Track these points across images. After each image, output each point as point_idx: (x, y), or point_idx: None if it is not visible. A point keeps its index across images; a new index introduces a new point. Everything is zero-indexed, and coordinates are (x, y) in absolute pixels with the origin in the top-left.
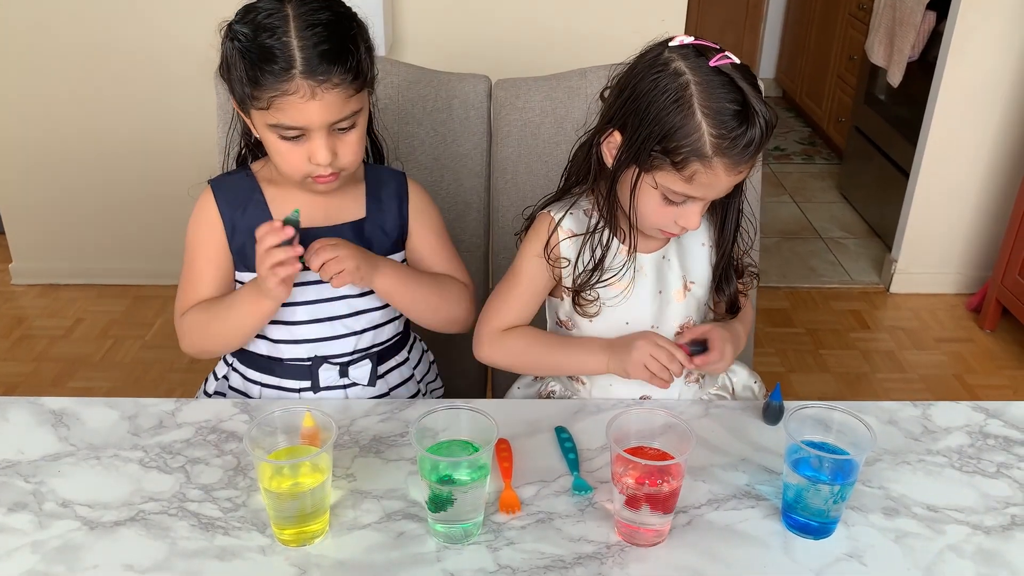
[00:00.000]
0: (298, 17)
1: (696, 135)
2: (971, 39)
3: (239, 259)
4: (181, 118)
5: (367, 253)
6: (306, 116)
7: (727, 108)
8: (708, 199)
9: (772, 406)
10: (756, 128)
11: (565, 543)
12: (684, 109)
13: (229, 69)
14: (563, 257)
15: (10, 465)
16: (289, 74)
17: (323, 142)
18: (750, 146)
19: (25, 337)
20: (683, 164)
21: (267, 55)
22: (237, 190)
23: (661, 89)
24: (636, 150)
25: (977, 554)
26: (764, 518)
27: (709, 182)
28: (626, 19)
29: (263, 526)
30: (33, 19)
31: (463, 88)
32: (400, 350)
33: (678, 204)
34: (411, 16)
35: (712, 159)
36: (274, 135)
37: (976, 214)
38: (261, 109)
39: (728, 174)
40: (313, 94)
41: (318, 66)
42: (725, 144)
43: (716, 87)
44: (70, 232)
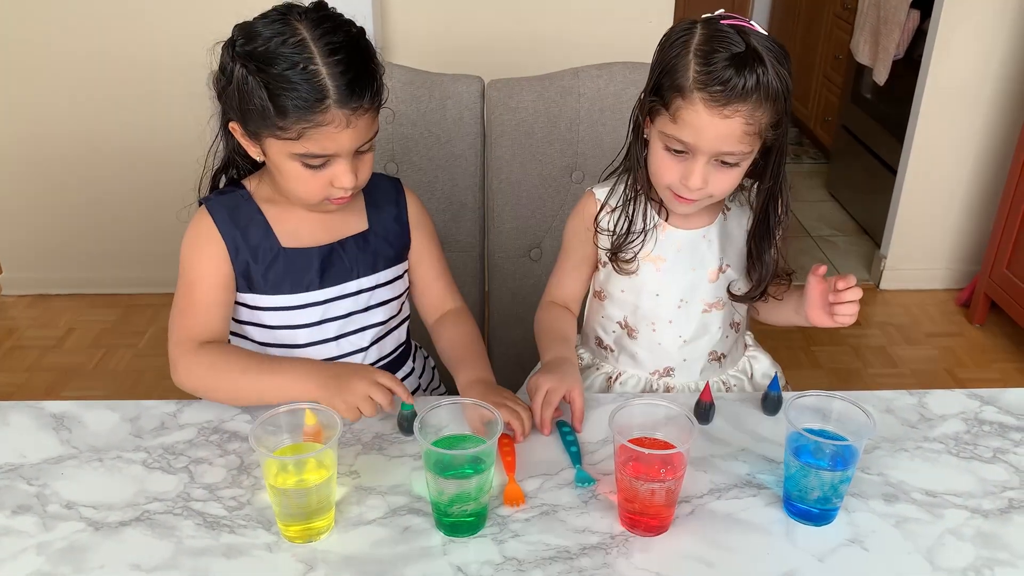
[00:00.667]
0: (317, 42)
1: (682, 69)
2: (955, 37)
3: (243, 280)
4: (172, 128)
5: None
6: (338, 144)
7: (719, 50)
8: (702, 151)
9: (771, 396)
10: (744, 73)
11: (570, 534)
12: (681, 49)
13: (242, 97)
14: (602, 230)
15: (13, 468)
16: (323, 104)
17: (348, 167)
18: (728, 83)
19: (17, 348)
20: (668, 101)
21: (297, 86)
22: (235, 210)
23: (672, 37)
24: (645, 100)
25: (976, 537)
26: (766, 506)
27: (691, 121)
28: (616, 19)
29: (269, 523)
30: (24, 31)
31: (456, 89)
32: (405, 361)
33: (679, 156)
34: (401, 17)
35: (692, 93)
36: (296, 163)
37: (963, 209)
38: (288, 139)
39: (709, 114)
40: (348, 123)
41: (351, 96)
42: (703, 77)
43: (721, 37)
44: (61, 242)
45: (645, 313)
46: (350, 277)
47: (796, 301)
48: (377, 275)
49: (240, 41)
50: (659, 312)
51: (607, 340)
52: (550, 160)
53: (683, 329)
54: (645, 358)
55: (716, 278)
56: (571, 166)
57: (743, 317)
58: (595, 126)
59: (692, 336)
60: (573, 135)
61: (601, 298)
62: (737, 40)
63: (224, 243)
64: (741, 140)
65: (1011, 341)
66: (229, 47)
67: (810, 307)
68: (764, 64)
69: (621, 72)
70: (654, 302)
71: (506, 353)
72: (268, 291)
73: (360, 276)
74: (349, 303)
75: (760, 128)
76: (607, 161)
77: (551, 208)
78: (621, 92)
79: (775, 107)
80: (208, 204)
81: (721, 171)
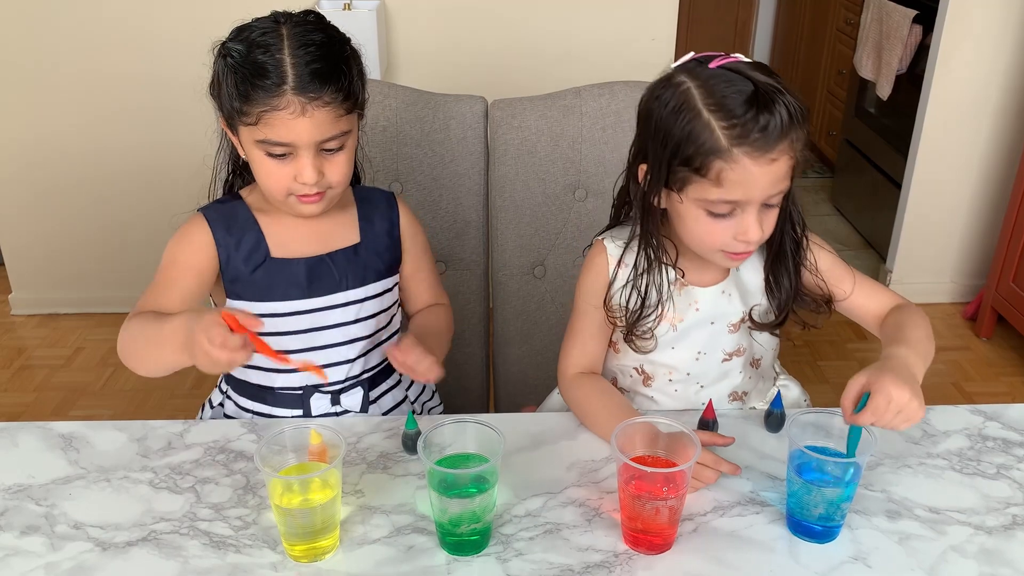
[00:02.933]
0: (292, 36)
1: (707, 133)
2: (957, 51)
3: (231, 286)
4: (180, 148)
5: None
6: (294, 132)
7: (733, 99)
8: (754, 201)
9: (774, 414)
10: (773, 111)
11: (573, 552)
12: (689, 113)
13: (220, 86)
14: (613, 310)
15: (21, 489)
16: (280, 89)
17: (310, 161)
18: (767, 128)
19: (25, 367)
20: (706, 168)
21: (259, 70)
22: (231, 219)
23: (663, 103)
24: (659, 173)
25: (980, 554)
26: (769, 523)
27: (740, 179)
28: (617, 38)
29: (274, 543)
30: (32, 50)
31: (460, 109)
32: (391, 373)
33: (726, 216)
34: (405, 39)
35: (732, 151)
36: (261, 152)
37: (969, 223)
38: (249, 124)
39: (757, 165)
40: (303, 111)
41: (309, 83)
42: (738, 132)
43: (719, 83)
44: (69, 262)
45: (661, 363)
46: (339, 288)
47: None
48: (366, 288)
49: (229, 36)
50: (676, 363)
51: (623, 383)
52: (553, 179)
53: (702, 378)
54: (663, 401)
55: (738, 329)
56: (574, 184)
57: (768, 349)
58: (597, 144)
59: (711, 382)
60: (576, 154)
61: (616, 349)
62: (736, 79)
63: (216, 249)
64: (787, 176)
65: (1018, 355)
66: (221, 43)
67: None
68: (781, 91)
69: (623, 91)
70: (669, 355)
71: (509, 370)
72: (255, 298)
73: (349, 288)
74: (338, 314)
75: (799, 155)
76: (610, 179)
77: (554, 226)
78: (623, 111)
79: (805, 127)
80: (205, 211)
81: (767, 212)
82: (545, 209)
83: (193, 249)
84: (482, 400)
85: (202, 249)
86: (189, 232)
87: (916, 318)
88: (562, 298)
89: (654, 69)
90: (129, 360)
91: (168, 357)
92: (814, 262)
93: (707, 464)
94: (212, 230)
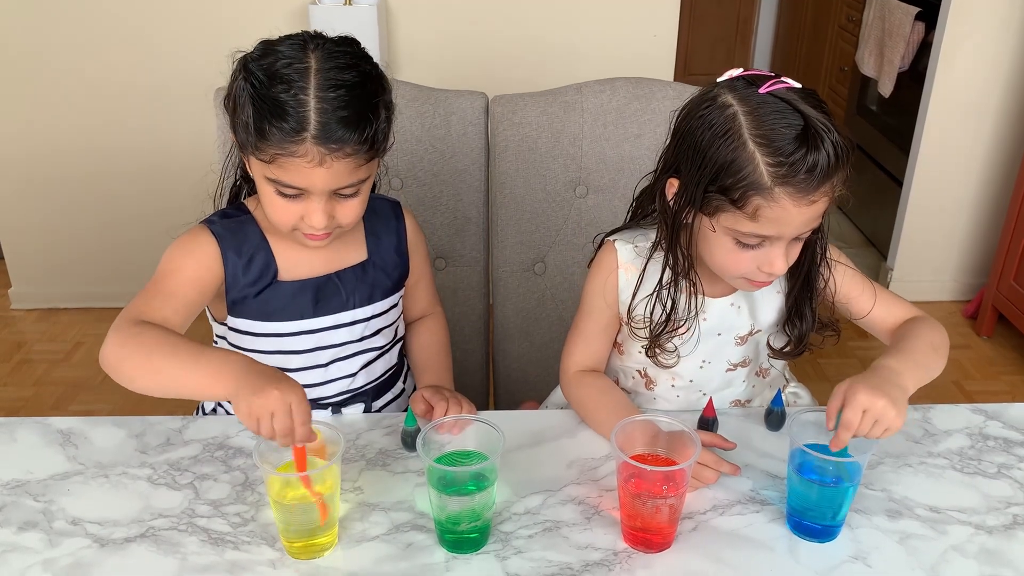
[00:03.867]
0: (320, 73)
1: (750, 167)
2: (960, 49)
3: (235, 306)
4: (181, 143)
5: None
6: (309, 180)
7: (782, 133)
8: (785, 237)
9: (774, 412)
10: (821, 152)
11: (572, 551)
12: (734, 141)
13: (235, 108)
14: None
15: (19, 484)
16: (300, 136)
17: (321, 206)
18: (814, 171)
19: (25, 362)
20: (743, 201)
21: (279, 110)
22: (241, 238)
23: (707, 124)
24: (693, 194)
25: (980, 553)
26: (769, 522)
27: (777, 217)
28: (619, 35)
29: (272, 540)
30: (32, 44)
31: (461, 105)
32: (395, 383)
33: (754, 247)
34: (406, 34)
35: (773, 190)
36: (270, 187)
37: (970, 221)
38: (262, 161)
39: (796, 205)
40: (321, 161)
41: (333, 133)
42: (783, 172)
43: (768, 113)
44: (69, 257)
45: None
46: (345, 308)
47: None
48: (373, 306)
49: (254, 54)
50: (679, 371)
51: (625, 384)
52: (554, 175)
53: (705, 385)
54: (664, 405)
55: (745, 342)
56: (575, 180)
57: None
58: (598, 141)
59: (714, 390)
60: (576, 150)
61: (620, 351)
62: (787, 110)
63: (223, 268)
64: (823, 214)
65: (1019, 353)
66: (245, 56)
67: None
68: (830, 129)
69: (624, 87)
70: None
71: (510, 367)
72: (258, 318)
73: (355, 307)
74: (344, 333)
75: (838, 192)
76: (610, 176)
77: (555, 223)
78: (624, 107)
79: (848, 164)
80: (212, 226)
81: (794, 245)
82: (546, 206)
83: (198, 263)
84: (482, 397)
85: (208, 265)
86: (195, 244)
87: (923, 329)
88: (562, 295)
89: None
90: (125, 368)
91: (190, 381)
92: (834, 290)
93: (708, 464)
94: (221, 248)
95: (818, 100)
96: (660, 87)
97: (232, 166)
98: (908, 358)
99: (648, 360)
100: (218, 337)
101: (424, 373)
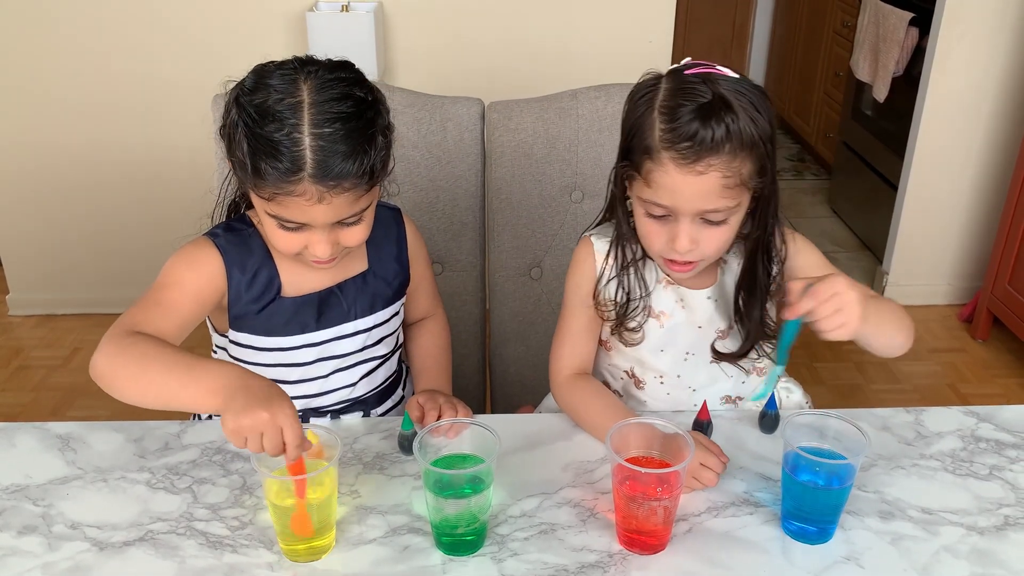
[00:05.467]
0: (314, 107)
1: (648, 131)
2: (953, 53)
3: (235, 323)
4: (179, 150)
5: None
6: (309, 216)
7: (684, 103)
8: (684, 211)
9: (768, 415)
10: (709, 125)
11: (568, 553)
12: (645, 106)
13: (231, 143)
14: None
15: (19, 489)
16: (297, 176)
17: (324, 238)
18: (693, 138)
19: (23, 368)
20: (639, 165)
21: (273, 149)
22: (245, 253)
23: (634, 98)
24: (618, 168)
25: (972, 554)
26: (763, 524)
27: (666, 184)
28: (615, 40)
29: (270, 543)
30: (32, 52)
31: (457, 111)
32: (395, 390)
33: (660, 220)
34: (403, 41)
35: (660, 153)
36: (273, 221)
37: (965, 225)
38: (262, 198)
39: (681, 173)
40: (321, 198)
41: (330, 170)
42: (668, 135)
43: (685, 87)
44: (67, 262)
45: (651, 366)
46: (347, 319)
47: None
48: (375, 316)
49: (247, 86)
50: (664, 367)
51: (615, 385)
52: (549, 180)
53: (692, 380)
54: (655, 405)
55: (727, 336)
56: (570, 186)
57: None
58: (594, 146)
59: (702, 384)
60: (572, 155)
61: (607, 348)
62: (703, 90)
63: (226, 283)
64: (722, 195)
65: (1014, 356)
66: (237, 87)
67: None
68: (733, 110)
69: (619, 93)
70: (658, 357)
71: (507, 371)
72: (260, 333)
73: (357, 318)
74: (346, 344)
75: (742, 179)
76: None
77: (551, 227)
78: (619, 113)
79: (754, 154)
80: (216, 239)
81: (710, 229)
82: (542, 211)
83: (201, 276)
84: (478, 401)
85: (211, 279)
86: (198, 257)
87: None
88: (558, 299)
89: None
90: (117, 379)
91: (183, 394)
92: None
93: (709, 465)
94: (225, 263)
95: (758, 94)
96: None
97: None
98: (874, 301)
99: (635, 357)
100: (217, 348)
101: (421, 377)
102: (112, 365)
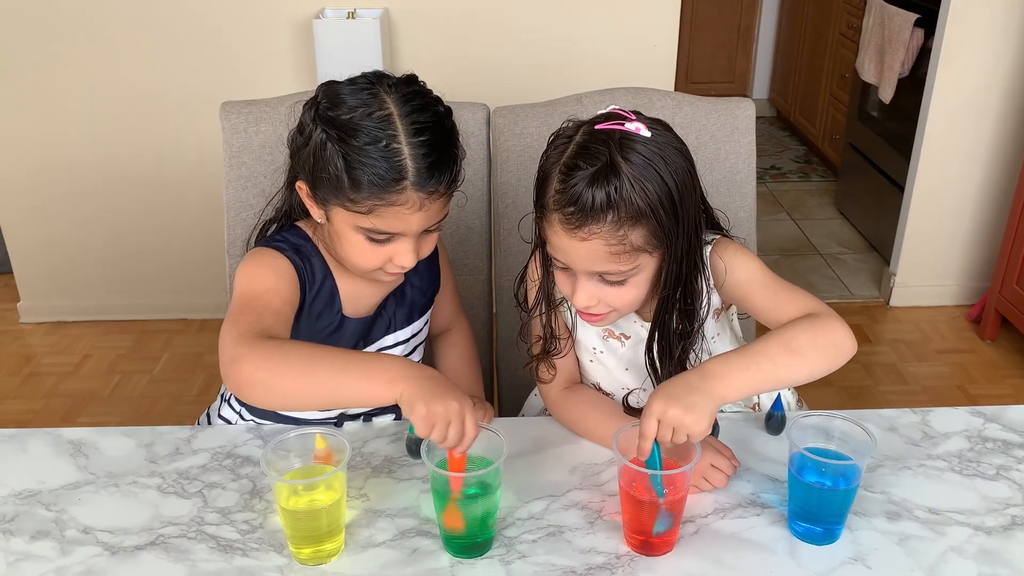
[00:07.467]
0: (403, 117)
1: (548, 186)
2: (959, 54)
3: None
4: (188, 157)
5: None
6: (406, 224)
7: (580, 167)
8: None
9: (774, 416)
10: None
11: (576, 555)
12: (554, 160)
13: (316, 162)
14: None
15: (32, 495)
16: (400, 185)
17: (411, 247)
18: (578, 204)
19: (34, 375)
20: (540, 217)
21: (375, 161)
22: (311, 270)
23: (550, 150)
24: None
25: (979, 554)
26: (770, 525)
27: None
28: (619, 45)
29: (280, 546)
30: (41, 58)
31: (462, 115)
32: None
33: (568, 273)
34: (409, 46)
35: (551, 214)
36: (361, 235)
37: (972, 225)
38: (356, 212)
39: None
40: (421, 206)
41: (429, 178)
42: (557, 197)
43: (589, 148)
44: (77, 270)
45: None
46: (387, 332)
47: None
48: (412, 326)
49: (324, 104)
50: (630, 384)
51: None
52: None
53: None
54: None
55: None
56: None
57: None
58: None
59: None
60: None
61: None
62: (602, 152)
63: (300, 295)
64: (611, 260)
65: (1022, 357)
66: (312, 107)
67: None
68: (620, 178)
69: (624, 97)
70: (624, 376)
71: (513, 374)
72: None
73: (396, 330)
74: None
75: (633, 246)
76: None
77: None
78: None
79: (643, 223)
80: (285, 251)
81: (612, 288)
82: None
83: (289, 285)
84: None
85: (295, 290)
86: (280, 266)
87: (793, 328)
88: None
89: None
90: (278, 383)
91: (358, 387)
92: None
93: (720, 467)
94: (299, 276)
95: (658, 150)
96: (660, 97)
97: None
98: (743, 359)
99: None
100: None
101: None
102: (268, 369)
